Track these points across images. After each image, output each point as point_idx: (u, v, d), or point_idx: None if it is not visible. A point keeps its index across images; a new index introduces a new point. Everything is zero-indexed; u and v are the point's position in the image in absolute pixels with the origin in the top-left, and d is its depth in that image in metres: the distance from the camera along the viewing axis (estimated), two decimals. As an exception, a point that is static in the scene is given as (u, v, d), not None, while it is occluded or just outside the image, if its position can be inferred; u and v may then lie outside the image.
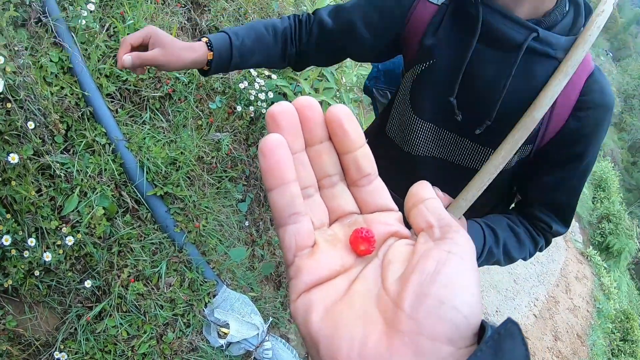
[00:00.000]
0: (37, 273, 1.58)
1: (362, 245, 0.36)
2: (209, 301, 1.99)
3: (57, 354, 1.55)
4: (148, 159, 1.96)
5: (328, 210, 0.39)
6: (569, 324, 4.77)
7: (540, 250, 1.19)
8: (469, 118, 1.02)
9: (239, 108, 2.22)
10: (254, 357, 1.97)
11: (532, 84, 0.96)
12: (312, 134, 0.37)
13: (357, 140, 0.37)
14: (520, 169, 1.08)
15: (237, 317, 1.99)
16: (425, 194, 0.36)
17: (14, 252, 1.52)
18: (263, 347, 1.98)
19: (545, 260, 5.29)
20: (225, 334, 1.93)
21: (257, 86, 2.21)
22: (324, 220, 0.39)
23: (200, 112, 2.17)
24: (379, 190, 0.39)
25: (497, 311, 3.94)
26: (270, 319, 2.11)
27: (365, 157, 0.38)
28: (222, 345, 1.92)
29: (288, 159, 0.34)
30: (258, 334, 1.99)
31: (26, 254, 1.54)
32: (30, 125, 1.57)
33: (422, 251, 0.32)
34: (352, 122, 0.37)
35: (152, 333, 1.81)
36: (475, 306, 0.29)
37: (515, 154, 1.01)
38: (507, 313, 4.03)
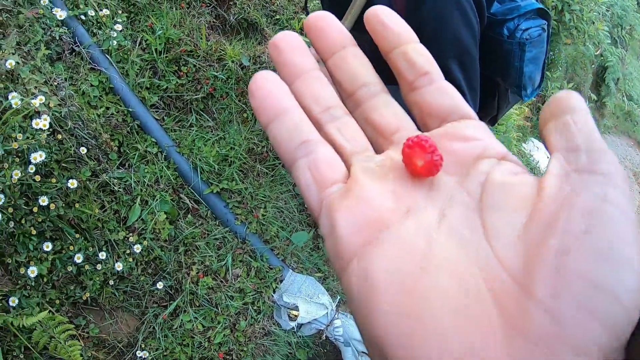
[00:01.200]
0: (111, 282, 1.74)
1: (419, 158, 0.24)
2: (276, 287, 2.07)
3: (139, 353, 1.70)
4: (200, 160, 2.05)
5: (373, 132, 0.29)
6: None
7: None
8: None
9: (281, 94, 2.23)
10: (325, 336, 2.04)
11: None
12: (330, 40, 0.29)
13: (403, 34, 0.29)
14: None
15: (305, 298, 2.05)
16: (575, 103, 0.24)
17: (87, 267, 1.68)
18: (333, 325, 2.04)
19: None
20: (296, 316, 2.01)
21: (294, 69, 2.20)
22: (363, 143, 0.28)
23: (244, 106, 2.21)
24: (446, 91, 0.28)
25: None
26: (339, 297, 2.16)
27: (418, 52, 0.29)
28: (293, 328, 2.01)
29: (281, 88, 0.27)
30: (327, 312, 2.04)
31: (99, 266, 1.70)
32: (83, 150, 1.70)
33: (558, 194, 0.21)
34: (394, 17, 0.29)
35: (225, 323, 1.93)
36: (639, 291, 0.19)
37: None
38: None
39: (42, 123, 1.53)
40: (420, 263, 0.21)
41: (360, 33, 1.24)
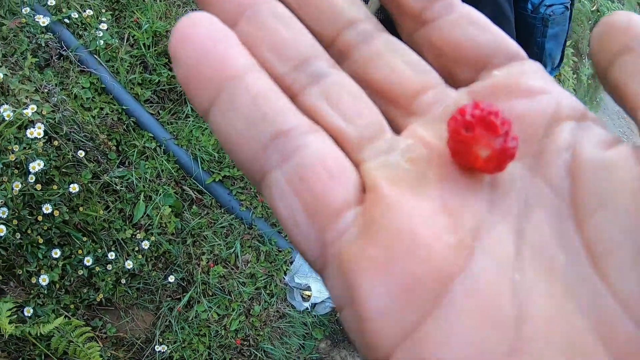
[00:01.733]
0: (123, 281, 1.77)
1: (484, 146, 0.14)
2: (287, 269, 2.10)
3: (158, 348, 1.75)
4: (199, 150, 2.05)
5: (377, 98, 0.17)
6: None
7: None
8: None
9: (274, 76, 2.21)
10: (340, 313, 2.07)
11: None
12: None
13: None
14: None
15: (316, 278, 2.08)
16: None
17: (98, 268, 1.70)
18: (346, 302, 2.07)
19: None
20: (309, 296, 2.04)
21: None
22: (376, 120, 0.17)
23: (238, 91, 2.20)
24: (476, 20, 0.18)
25: None
26: (350, 274, 2.18)
27: None
28: (307, 308, 2.04)
29: (224, 37, 0.15)
30: (339, 290, 2.07)
31: (110, 267, 1.72)
32: (81, 153, 1.70)
33: None
34: None
35: (239, 310, 1.96)
36: None
37: None
38: None
39: (37, 132, 1.54)
40: (513, 334, 0.12)
41: None
